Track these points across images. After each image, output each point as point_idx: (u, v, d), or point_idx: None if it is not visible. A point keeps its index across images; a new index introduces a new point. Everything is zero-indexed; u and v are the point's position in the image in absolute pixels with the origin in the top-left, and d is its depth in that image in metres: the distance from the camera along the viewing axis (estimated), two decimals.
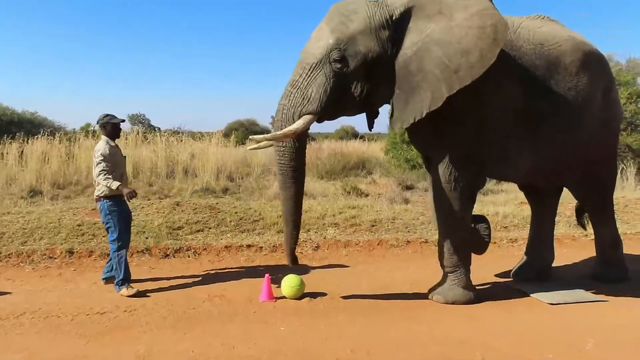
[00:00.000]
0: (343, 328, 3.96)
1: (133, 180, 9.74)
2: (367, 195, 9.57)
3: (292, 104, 3.99)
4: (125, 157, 5.09)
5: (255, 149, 4.67)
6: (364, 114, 4.47)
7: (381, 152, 14.54)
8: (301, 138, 4.08)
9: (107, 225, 4.80)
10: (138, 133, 11.80)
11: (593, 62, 4.57)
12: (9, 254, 5.65)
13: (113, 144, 4.86)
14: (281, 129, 3.98)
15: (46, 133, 11.89)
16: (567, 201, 6.57)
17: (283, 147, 4.06)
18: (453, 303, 4.42)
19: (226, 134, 13.82)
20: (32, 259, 5.62)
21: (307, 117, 3.93)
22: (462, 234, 4.42)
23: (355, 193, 9.67)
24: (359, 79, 3.94)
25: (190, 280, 5.19)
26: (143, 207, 7.30)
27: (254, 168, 11.28)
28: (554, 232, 5.50)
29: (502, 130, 4.27)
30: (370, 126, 4.57)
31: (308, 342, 3.68)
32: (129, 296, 4.64)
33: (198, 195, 8.81)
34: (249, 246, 6.23)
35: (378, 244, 6.57)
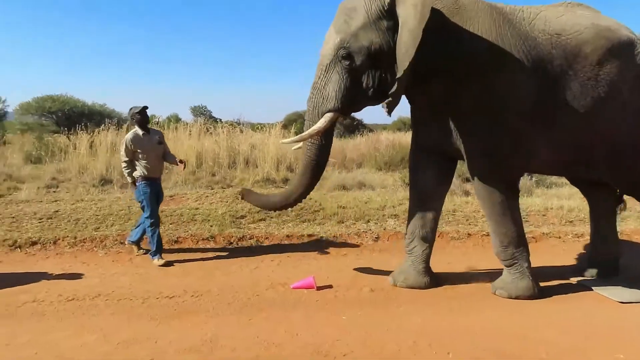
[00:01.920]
0: (404, 319, 3.91)
1: (196, 170, 10.03)
2: None
3: (314, 105, 4.22)
4: (160, 143, 5.51)
5: (287, 143, 4.97)
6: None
7: None
8: (327, 135, 4.31)
9: (142, 205, 5.43)
10: (201, 125, 12.11)
11: (619, 49, 4.31)
12: (84, 239, 5.94)
13: (142, 132, 5.38)
14: (307, 130, 4.25)
15: (114, 124, 12.45)
16: None
17: (311, 143, 4.29)
18: (516, 297, 4.37)
19: (285, 126, 13.92)
20: (105, 244, 5.89)
21: (327, 116, 4.11)
22: (510, 227, 4.35)
23: None
24: (369, 71, 4.07)
25: (253, 268, 5.25)
26: (207, 196, 7.48)
27: None
28: (621, 227, 5.19)
29: (518, 123, 4.22)
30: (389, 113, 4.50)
31: (370, 332, 3.65)
32: (160, 265, 5.27)
33: (259, 185, 8.93)
34: (309, 235, 6.24)
35: (438, 236, 6.33)
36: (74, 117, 16.85)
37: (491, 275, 4.66)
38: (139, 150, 5.32)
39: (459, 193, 8.48)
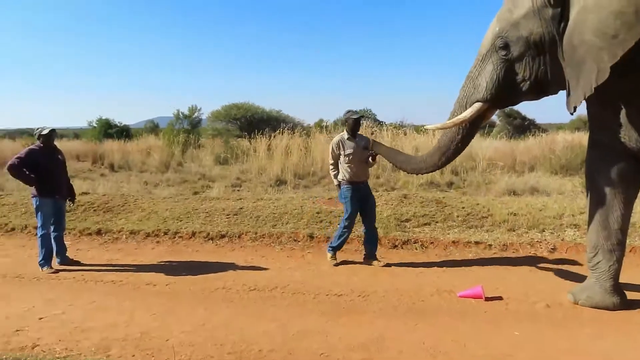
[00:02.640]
0: (589, 343, 3.49)
1: None
2: None
3: (464, 94, 4.13)
4: (366, 148, 5.39)
5: (431, 128, 5.14)
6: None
7: None
8: (471, 127, 4.21)
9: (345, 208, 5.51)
10: (365, 128, 12.42)
11: None
12: (263, 235, 6.54)
13: (347, 136, 5.43)
14: (452, 118, 4.19)
15: (288, 129, 13.47)
16: None
17: (453, 131, 4.24)
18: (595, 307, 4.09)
19: None
20: (281, 240, 6.41)
21: (476, 105, 4.03)
22: (599, 226, 4.03)
23: None
24: (526, 63, 3.87)
25: (418, 272, 5.21)
26: None
27: (479, 162, 10.77)
28: None
29: None
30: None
31: (546, 352, 3.36)
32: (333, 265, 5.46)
33: (423, 188, 8.83)
34: (477, 243, 5.95)
35: (630, 251, 5.55)
36: (254, 123, 18.66)
37: None
38: (343, 154, 5.39)
39: None
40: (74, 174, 12.70)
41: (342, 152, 5.38)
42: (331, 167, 5.58)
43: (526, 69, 3.88)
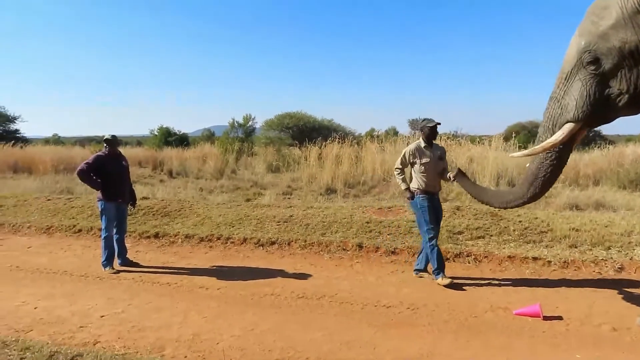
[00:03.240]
0: None
1: None
2: None
3: (550, 116, 3.89)
4: (441, 159, 5.32)
5: (517, 156, 4.57)
6: None
7: None
8: (563, 150, 3.92)
9: (417, 219, 5.32)
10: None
11: None
12: (312, 243, 6.57)
13: (424, 144, 5.29)
14: (540, 143, 3.95)
15: (339, 138, 13.51)
16: None
17: (543, 156, 3.98)
18: None
19: (506, 137, 13.08)
20: (329, 249, 6.41)
21: (566, 127, 3.78)
22: None
23: None
24: (621, 76, 3.59)
25: (470, 287, 5.05)
26: None
27: None
28: None
29: None
30: None
31: None
32: (445, 285, 5.02)
33: (475, 200, 8.55)
34: (534, 259, 5.69)
35: None
36: (306, 132, 18.86)
37: None
38: (419, 162, 5.20)
39: None
40: (136, 180, 13.31)
41: (417, 161, 5.21)
42: (398, 171, 5.37)
43: (622, 81, 3.61)
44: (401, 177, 5.36)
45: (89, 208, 8.68)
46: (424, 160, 5.20)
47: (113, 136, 5.93)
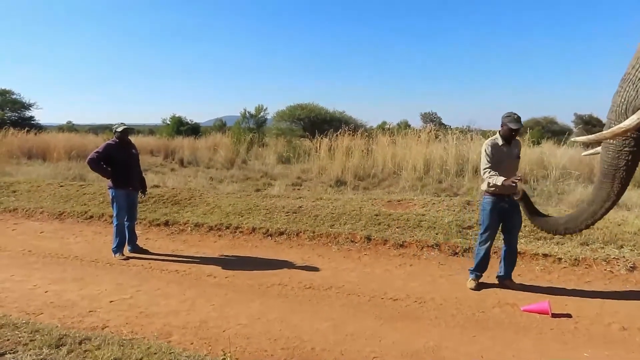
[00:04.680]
0: None
1: (424, 176, 10.09)
2: None
3: (623, 99, 3.40)
4: (518, 157, 4.82)
5: (590, 154, 4.04)
6: None
7: None
8: (635, 138, 3.39)
9: (480, 220, 4.92)
10: (430, 131, 12.17)
11: None
12: (321, 234, 6.57)
13: (501, 142, 4.68)
14: (610, 127, 3.42)
15: (350, 130, 13.45)
16: None
17: (614, 146, 3.48)
18: None
19: (520, 133, 12.92)
20: (338, 240, 6.40)
21: None
22: None
23: None
24: None
25: (479, 282, 5.01)
26: (434, 204, 7.46)
27: (552, 170, 10.22)
28: None
29: None
30: None
31: None
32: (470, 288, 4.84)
33: None
34: (545, 255, 5.63)
35: None
36: (317, 124, 18.80)
37: None
38: (491, 161, 4.65)
39: None
40: (147, 168, 13.40)
41: (492, 158, 4.65)
42: (488, 169, 4.62)
43: None
44: (494, 172, 4.59)
45: (101, 195, 8.75)
46: (495, 160, 4.63)
47: (123, 125, 5.95)
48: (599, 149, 3.72)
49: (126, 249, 6.01)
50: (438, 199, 7.94)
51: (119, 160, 5.84)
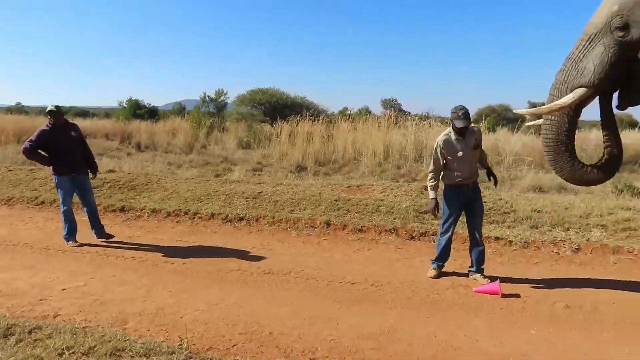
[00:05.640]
0: (610, 348, 3.38)
1: (383, 162, 10.22)
2: None
3: (564, 78, 3.72)
4: (477, 147, 4.66)
5: (531, 125, 4.44)
6: None
7: None
8: (572, 114, 3.74)
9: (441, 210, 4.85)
10: (390, 118, 12.31)
11: None
12: (280, 219, 6.58)
13: (454, 137, 4.57)
14: (548, 103, 3.75)
15: (311, 116, 13.44)
16: None
17: (551, 121, 3.80)
18: None
19: (476, 120, 13.28)
20: (297, 225, 6.43)
21: (578, 91, 3.62)
22: None
23: (630, 192, 8.14)
24: None
25: None
26: (392, 189, 7.59)
27: (506, 157, 10.57)
28: None
29: None
30: None
31: (564, 354, 3.28)
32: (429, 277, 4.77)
33: None
34: (497, 238, 5.85)
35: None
36: (278, 109, 18.69)
37: None
38: (435, 156, 4.63)
39: None
40: (103, 152, 12.99)
41: (447, 155, 4.59)
42: (432, 173, 4.70)
43: None
44: (433, 183, 4.69)
45: (52, 180, 8.39)
46: (449, 151, 4.57)
47: (56, 107, 5.55)
48: (540, 120, 4.01)
49: (85, 236, 5.80)
50: (396, 184, 8.09)
51: (56, 145, 5.52)
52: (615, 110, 3.87)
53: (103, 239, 5.86)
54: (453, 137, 4.58)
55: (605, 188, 8.48)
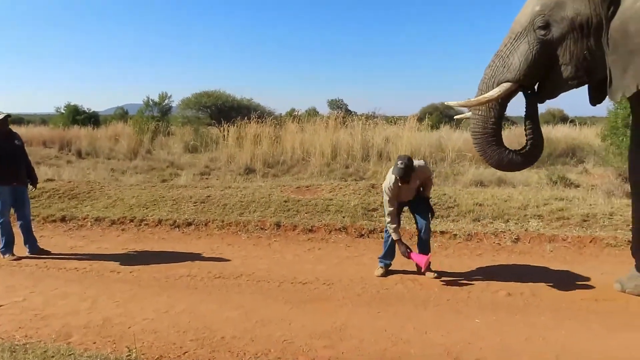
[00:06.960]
0: (547, 330, 3.60)
1: (331, 162, 10.33)
2: (577, 187, 8.48)
3: (492, 73, 3.95)
4: (414, 190, 4.78)
5: (461, 118, 4.70)
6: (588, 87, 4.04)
7: (596, 139, 12.70)
8: (499, 107, 3.98)
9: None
10: (337, 118, 12.45)
11: None
12: (230, 223, 6.52)
13: (400, 183, 4.57)
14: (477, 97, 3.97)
15: (258, 117, 13.38)
16: None
17: (478, 115, 4.03)
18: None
19: (420, 119, 13.67)
20: (247, 228, 6.40)
21: (504, 85, 3.85)
22: None
23: (563, 183, 8.65)
24: (567, 46, 3.71)
25: None
26: (341, 188, 7.69)
27: (449, 153, 10.95)
28: None
29: None
30: (595, 101, 4.06)
31: (506, 340, 3.44)
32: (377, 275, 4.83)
33: None
34: (442, 232, 6.06)
35: (590, 242, 5.76)
36: (225, 111, 18.48)
37: None
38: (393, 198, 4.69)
39: (618, 194, 7.53)
40: (40, 161, 12.38)
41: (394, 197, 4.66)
42: (389, 219, 4.71)
43: (566, 52, 3.71)
44: (393, 226, 4.71)
45: None
46: (401, 196, 4.72)
47: (7, 116, 5.37)
48: (469, 114, 4.25)
49: (22, 250, 5.52)
50: (345, 183, 8.20)
51: (0, 154, 5.30)
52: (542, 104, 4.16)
53: (39, 254, 5.58)
54: (398, 183, 4.58)
55: (541, 180, 8.97)
